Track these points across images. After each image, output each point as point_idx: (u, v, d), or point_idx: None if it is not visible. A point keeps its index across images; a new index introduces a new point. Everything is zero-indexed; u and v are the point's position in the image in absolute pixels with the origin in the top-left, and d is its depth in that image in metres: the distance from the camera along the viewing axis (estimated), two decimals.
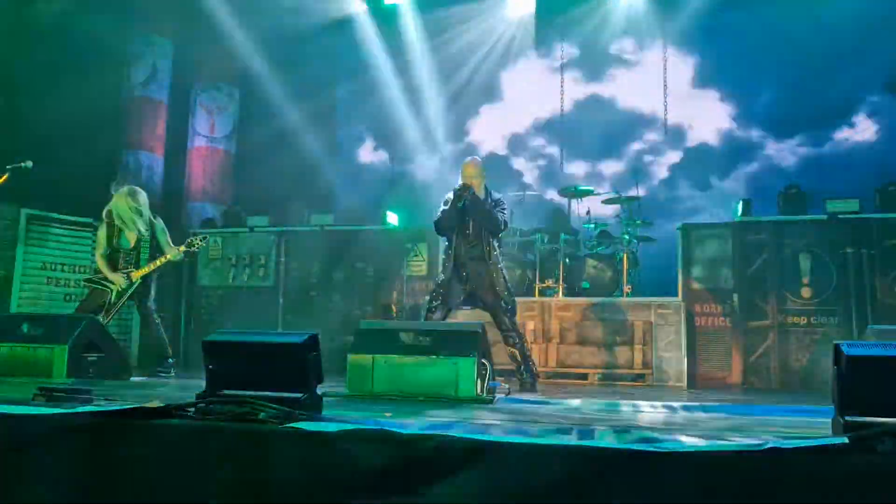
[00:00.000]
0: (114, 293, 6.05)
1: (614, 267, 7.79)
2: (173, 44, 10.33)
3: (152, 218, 6.24)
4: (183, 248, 6.13)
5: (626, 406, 4.17)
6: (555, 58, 11.40)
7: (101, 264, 6.12)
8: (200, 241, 6.24)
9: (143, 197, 6.20)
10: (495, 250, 5.61)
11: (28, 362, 5.13)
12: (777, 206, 7.23)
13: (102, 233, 6.17)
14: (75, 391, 3.22)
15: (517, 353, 5.51)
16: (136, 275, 6.05)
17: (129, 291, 6.06)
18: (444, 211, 5.67)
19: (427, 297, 5.99)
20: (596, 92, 11.25)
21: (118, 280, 6.03)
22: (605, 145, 11.08)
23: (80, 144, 8.17)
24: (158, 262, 6.08)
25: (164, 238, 6.22)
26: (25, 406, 2.77)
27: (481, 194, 5.63)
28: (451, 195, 5.69)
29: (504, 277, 5.61)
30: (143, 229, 6.11)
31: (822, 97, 9.34)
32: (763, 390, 6.43)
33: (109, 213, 6.15)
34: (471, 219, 5.55)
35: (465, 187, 5.54)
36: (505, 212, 5.72)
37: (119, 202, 6.11)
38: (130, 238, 6.12)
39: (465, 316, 6.50)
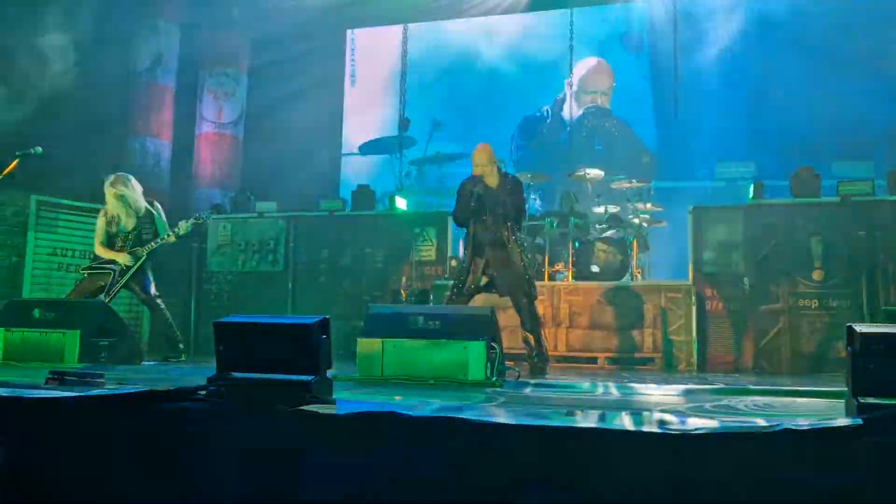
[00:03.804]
0: (117, 272, 6.06)
1: (624, 251, 7.75)
2: (180, 29, 10.29)
3: (149, 206, 6.24)
4: (172, 237, 6.15)
5: (636, 389, 4.16)
6: None
7: (102, 251, 6.14)
8: (196, 219, 6.23)
9: (123, 183, 6.15)
10: (514, 234, 5.53)
11: (40, 347, 5.17)
12: (789, 188, 7.15)
13: (101, 221, 6.20)
14: (87, 375, 3.24)
15: (532, 337, 5.45)
16: (144, 250, 6.07)
17: (135, 267, 6.06)
18: (458, 205, 5.61)
19: (450, 283, 5.95)
20: None
21: (124, 259, 6.04)
22: None
23: (88, 130, 8.17)
24: (162, 241, 6.11)
25: (162, 224, 6.24)
26: (38, 390, 2.80)
27: (495, 180, 5.52)
28: (465, 183, 5.62)
29: (524, 261, 5.53)
30: (135, 213, 6.14)
31: None
32: (774, 374, 6.41)
33: (105, 207, 6.21)
34: (487, 206, 5.47)
35: (475, 182, 5.47)
36: (522, 195, 5.62)
37: (106, 194, 6.15)
38: (129, 223, 6.15)
39: (476, 300, 6.47)
